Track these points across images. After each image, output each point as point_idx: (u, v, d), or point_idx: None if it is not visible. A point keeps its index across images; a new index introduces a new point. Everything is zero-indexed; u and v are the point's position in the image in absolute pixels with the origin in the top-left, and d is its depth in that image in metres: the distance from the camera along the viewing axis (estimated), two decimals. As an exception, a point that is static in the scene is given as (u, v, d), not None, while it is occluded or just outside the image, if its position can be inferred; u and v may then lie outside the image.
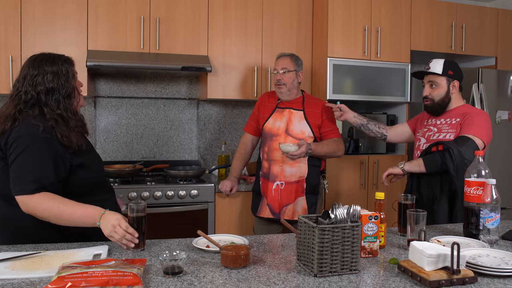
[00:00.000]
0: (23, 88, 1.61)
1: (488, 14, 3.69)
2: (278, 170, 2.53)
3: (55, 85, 1.62)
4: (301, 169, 2.52)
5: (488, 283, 1.26)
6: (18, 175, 1.52)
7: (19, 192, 1.52)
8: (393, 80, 3.44)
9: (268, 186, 2.56)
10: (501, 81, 3.51)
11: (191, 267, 1.37)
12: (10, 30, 2.91)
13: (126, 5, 3.09)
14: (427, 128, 2.34)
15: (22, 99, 1.61)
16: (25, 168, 1.53)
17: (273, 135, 2.58)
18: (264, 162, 2.61)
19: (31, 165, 1.53)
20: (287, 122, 2.57)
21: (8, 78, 2.90)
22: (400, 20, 3.44)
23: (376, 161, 3.39)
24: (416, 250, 1.30)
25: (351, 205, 1.41)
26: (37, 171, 1.53)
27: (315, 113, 2.58)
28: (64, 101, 1.64)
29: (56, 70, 1.63)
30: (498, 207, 1.65)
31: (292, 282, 1.26)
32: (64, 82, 1.64)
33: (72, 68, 1.70)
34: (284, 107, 2.62)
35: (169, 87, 3.58)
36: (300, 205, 2.52)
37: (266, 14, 3.38)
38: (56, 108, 1.62)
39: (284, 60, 2.61)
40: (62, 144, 1.59)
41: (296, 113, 2.58)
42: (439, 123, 2.29)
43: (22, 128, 1.56)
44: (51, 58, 1.66)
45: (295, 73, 2.60)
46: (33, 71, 1.62)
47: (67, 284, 1.13)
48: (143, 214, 1.55)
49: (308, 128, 2.55)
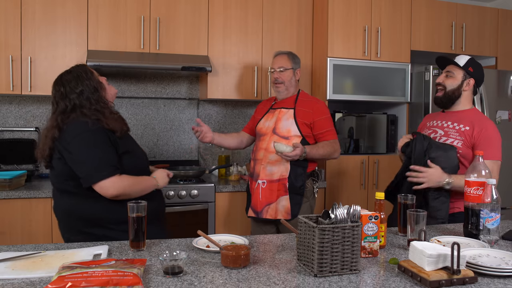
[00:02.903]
0: (58, 104, 1.80)
1: (488, 14, 3.69)
2: (260, 168, 2.50)
3: (81, 87, 1.79)
4: (282, 168, 2.46)
5: (488, 283, 1.26)
6: (93, 165, 1.69)
7: (103, 177, 1.68)
8: (393, 80, 3.44)
9: (252, 185, 2.56)
10: (501, 81, 3.51)
11: (191, 267, 1.37)
12: (10, 30, 2.91)
13: (126, 5, 3.09)
14: (432, 129, 2.25)
15: (60, 111, 1.79)
16: (96, 158, 1.70)
17: (261, 134, 2.57)
18: (251, 162, 2.62)
19: (100, 154, 1.71)
20: (275, 121, 2.54)
21: (8, 78, 2.90)
22: (400, 20, 3.44)
23: (376, 161, 3.39)
24: (416, 250, 1.30)
25: (351, 205, 1.41)
26: (106, 157, 1.72)
27: (306, 112, 2.50)
28: (94, 96, 1.81)
29: (76, 75, 1.82)
30: (498, 207, 1.65)
31: (292, 282, 1.26)
32: (87, 81, 1.81)
33: (86, 68, 1.87)
34: (276, 107, 2.60)
35: (169, 87, 3.59)
36: (282, 204, 2.46)
37: (266, 14, 3.38)
38: (90, 105, 1.79)
39: (281, 59, 2.59)
40: (110, 131, 1.77)
41: (285, 112, 2.54)
42: (445, 126, 2.20)
43: (74, 128, 1.74)
44: (67, 70, 1.86)
45: (293, 71, 2.58)
46: (59, 88, 1.81)
47: (67, 284, 1.13)
48: (143, 214, 1.55)
49: (295, 126, 2.48)
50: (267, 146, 2.50)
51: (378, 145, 3.52)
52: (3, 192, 2.62)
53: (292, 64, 2.58)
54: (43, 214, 2.70)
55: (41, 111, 3.32)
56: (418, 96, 3.45)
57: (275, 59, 2.63)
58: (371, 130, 3.50)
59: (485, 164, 1.75)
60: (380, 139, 3.51)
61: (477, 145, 2.07)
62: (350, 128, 3.43)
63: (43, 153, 1.80)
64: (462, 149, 2.10)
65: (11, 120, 3.27)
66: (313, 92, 3.50)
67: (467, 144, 2.10)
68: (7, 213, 2.64)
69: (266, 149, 2.50)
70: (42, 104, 3.32)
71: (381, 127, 3.52)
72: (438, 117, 2.30)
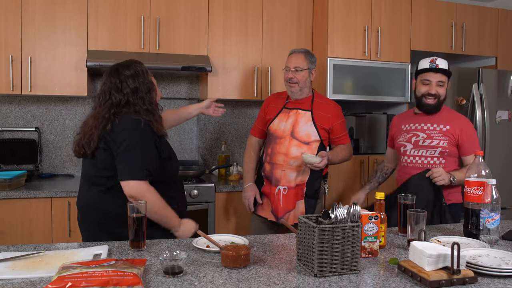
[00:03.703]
0: (112, 96, 1.79)
1: (488, 14, 3.69)
2: (281, 174, 2.43)
3: (137, 85, 1.81)
4: (303, 173, 2.44)
5: (488, 283, 1.26)
6: (130, 164, 1.70)
7: (130, 177, 1.68)
8: (393, 80, 3.44)
9: (271, 189, 2.48)
10: (501, 81, 3.51)
11: (191, 267, 1.37)
12: (10, 30, 2.91)
13: (126, 5, 3.09)
14: (412, 133, 2.31)
15: (113, 103, 1.78)
16: (136, 158, 1.70)
17: (278, 137, 2.47)
18: (266, 164, 2.52)
19: (142, 156, 1.71)
20: (293, 124, 2.45)
21: (8, 78, 2.90)
22: (400, 20, 3.44)
23: (376, 161, 3.39)
24: (416, 250, 1.30)
25: (351, 205, 1.41)
26: (146, 161, 1.72)
27: (325, 116, 2.45)
28: (147, 96, 1.83)
29: (134, 72, 1.83)
30: (498, 207, 1.65)
31: (292, 282, 1.26)
32: (143, 80, 1.84)
33: (143, 66, 1.89)
34: (291, 108, 2.49)
35: (169, 87, 3.59)
36: (299, 208, 2.46)
37: (266, 14, 3.38)
38: (142, 104, 1.81)
39: (297, 58, 2.46)
40: (156, 134, 1.80)
41: (303, 114, 2.46)
42: (426, 128, 2.28)
43: (127, 124, 1.75)
44: (125, 64, 1.86)
45: (308, 71, 2.46)
46: (115, 80, 1.81)
47: (67, 284, 1.13)
48: (143, 214, 1.55)
49: (315, 131, 2.43)
50: (287, 151, 2.42)
51: (378, 145, 3.52)
52: (3, 192, 2.62)
53: (309, 64, 2.46)
54: (43, 214, 2.70)
55: (41, 111, 3.32)
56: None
57: (291, 57, 2.50)
58: (371, 130, 3.50)
59: (485, 164, 1.75)
60: (380, 139, 3.51)
61: (462, 143, 2.24)
62: (350, 128, 3.43)
63: (90, 141, 1.77)
64: (448, 148, 2.23)
65: (11, 120, 3.27)
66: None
67: (452, 142, 2.24)
68: (7, 213, 2.64)
69: (286, 154, 2.42)
70: (42, 104, 3.32)
71: (381, 127, 3.51)
72: (413, 119, 2.36)
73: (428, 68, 2.27)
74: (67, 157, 3.37)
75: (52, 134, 3.35)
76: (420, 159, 2.28)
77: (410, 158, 2.31)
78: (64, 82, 3.00)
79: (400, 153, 2.37)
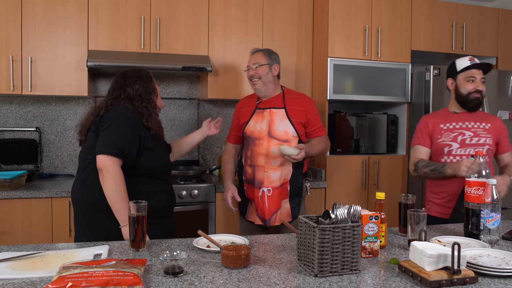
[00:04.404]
0: (114, 91, 1.99)
1: (489, 14, 3.69)
2: (263, 176, 2.40)
3: (138, 85, 1.98)
4: (285, 172, 2.41)
5: (489, 283, 1.26)
6: (105, 140, 1.82)
7: (102, 152, 1.79)
8: (394, 80, 3.44)
9: (254, 192, 2.43)
10: (501, 81, 3.51)
11: (192, 267, 1.37)
12: (11, 30, 2.91)
13: (126, 5, 3.09)
14: (457, 132, 2.27)
15: (113, 96, 1.97)
16: (111, 136, 1.82)
17: (255, 138, 2.44)
18: (247, 168, 2.48)
19: (117, 135, 1.82)
20: (269, 123, 2.42)
21: (8, 78, 2.90)
22: (400, 20, 3.44)
23: (376, 161, 3.39)
24: (417, 250, 1.30)
25: (351, 205, 1.41)
26: (120, 140, 1.81)
27: (299, 111, 2.45)
28: (146, 96, 1.99)
29: (138, 74, 2.02)
30: (498, 207, 1.65)
31: (293, 282, 1.26)
32: (145, 83, 2.00)
33: (148, 73, 2.07)
34: (264, 108, 2.47)
35: (170, 87, 3.59)
36: (284, 207, 2.43)
37: (267, 14, 3.38)
38: (141, 102, 1.97)
39: (255, 56, 2.49)
40: (145, 126, 1.91)
41: (277, 112, 2.44)
42: (471, 127, 2.27)
43: (115, 109, 1.90)
44: (132, 69, 2.05)
45: (269, 66, 2.44)
46: (120, 80, 2.00)
47: (67, 284, 1.13)
48: (143, 214, 1.56)
49: (292, 127, 2.41)
50: (267, 151, 2.40)
51: (378, 145, 3.52)
52: (3, 192, 2.63)
53: (268, 60, 2.46)
54: (43, 214, 2.70)
55: (42, 111, 3.32)
56: (419, 96, 3.45)
57: (250, 57, 2.52)
58: (372, 130, 3.50)
59: (485, 164, 1.75)
60: (381, 139, 3.51)
61: (501, 141, 2.30)
62: (350, 128, 3.43)
63: (84, 126, 1.96)
64: (492, 145, 2.26)
65: (11, 120, 3.28)
66: (313, 92, 3.50)
67: (495, 140, 2.28)
68: (7, 213, 2.64)
69: (267, 155, 2.40)
70: (42, 104, 3.32)
71: (382, 127, 3.51)
72: (453, 118, 2.32)
73: (473, 65, 2.28)
74: (67, 157, 3.37)
75: (53, 134, 3.35)
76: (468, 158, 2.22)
77: (457, 158, 2.24)
78: (64, 82, 3.00)
79: (443, 153, 2.29)
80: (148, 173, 1.93)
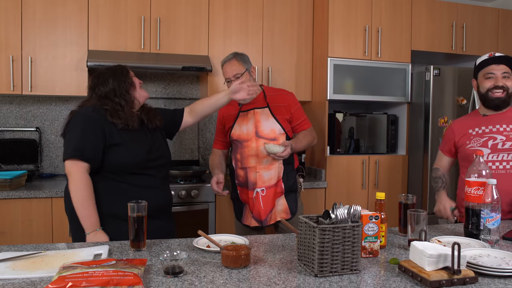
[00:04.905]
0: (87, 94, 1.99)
1: (489, 14, 3.69)
2: (256, 176, 2.38)
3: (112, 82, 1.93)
4: (277, 170, 2.40)
5: (489, 283, 1.26)
6: (65, 145, 1.84)
7: (65, 157, 1.81)
8: (394, 80, 3.44)
9: (248, 194, 2.42)
10: (501, 81, 3.51)
11: (192, 267, 1.37)
12: (11, 30, 2.91)
13: (126, 5, 3.09)
14: (487, 136, 2.11)
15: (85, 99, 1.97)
16: (71, 140, 1.83)
17: (243, 141, 2.42)
18: (238, 171, 2.46)
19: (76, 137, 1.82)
20: (255, 124, 2.40)
21: (8, 78, 2.90)
22: (400, 20, 3.44)
23: (376, 161, 3.39)
24: (417, 250, 1.30)
25: (351, 205, 1.41)
26: (79, 142, 1.81)
27: (282, 107, 2.43)
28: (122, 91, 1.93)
29: (112, 71, 1.97)
30: (498, 207, 1.65)
31: (293, 282, 1.26)
32: (120, 78, 1.94)
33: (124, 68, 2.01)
34: (247, 109, 2.43)
35: (170, 87, 3.59)
36: (281, 204, 2.42)
37: (267, 14, 3.38)
38: (115, 97, 1.91)
39: (231, 65, 2.39)
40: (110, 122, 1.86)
41: (261, 112, 2.41)
42: (502, 130, 2.10)
43: (77, 112, 1.90)
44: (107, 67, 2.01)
45: (248, 72, 2.40)
46: (94, 80, 1.97)
47: (67, 284, 1.13)
48: (143, 214, 1.55)
49: (278, 125, 2.40)
50: (257, 151, 2.38)
51: (378, 145, 3.52)
52: (3, 192, 2.63)
53: (244, 65, 2.39)
54: (43, 214, 2.70)
55: (42, 111, 3.32)
56: (419, 96, 3.45)
57: (224, 67, 2.42)
58: (372, 130, 3.50)
59: (485, 164, 1.75)
60: (381, 139, 3.51)
61: None
62: (350, 128, 3.43)
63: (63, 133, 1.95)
64: None
65: (11, 120, 3.28)
66: (313, 92, 3.50)
67: None
68: (7, 213, 2.64)
69: (257, 155, 2.39)
70: (42, 104, 3.32)
71: (382, 127, 3.52)
72: (482, 122, 2.17)
73: (489, 59, 2.15)
74: (67, 157, 3.37)
75: (53, 134, 3.35)
76: (502, 164, 2.07)
77: (489, 164, 2.06)
78: (64, 82, 3.00)
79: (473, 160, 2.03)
80: (122, 170, 1.87)
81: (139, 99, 2.00)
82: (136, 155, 1.90)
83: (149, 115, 2.03)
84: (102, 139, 1.83)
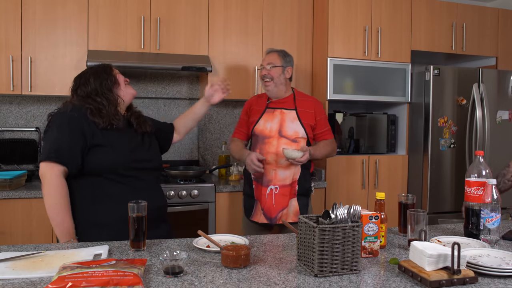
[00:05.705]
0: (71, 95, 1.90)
1: (489, 14, 3.69)
2: (272, 174, 2.43)
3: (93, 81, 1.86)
4: (294, 172, 2.44)
5: (489, 283, 1.26)
6: (42, 147, 1.79)
7: (40, 159, 1.73)
8: (394, 80, 3.44)
9: (262, 190, 2.46)
10: (501, 81, 3.51)
11: (192, 267, 1.37)
12: (11, 30, 2.91)
13: (126, 5, 3.09)
14: None
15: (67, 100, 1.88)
16: (47, 142, 1.75)
17: (265, 137, 2.47)
18: None
19: (52, 139, 1.74)
20: (279, 123, 2.47)
21: (8, 78, 2.90)
22: (400, 20, 3.44)
23: (376, 161, 3.39)
24: (417, 250, 1.30)
25: (351, 205, 1.41)
26: (55, 143, 1.73)
27: (308, 113, 2.50)
28: (105, 89, 1.86)
29: (94, 70, 1.91)
30: (498, 207, 1.65)
31: (293, 282, 1.26)
32: (102, 77, 1.88)
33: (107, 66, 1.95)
34: (275, 107, 2.51)
35: (170, 87, 3.59)
36: (293, 206, 2.45)
37: (267, 15, 3.38)
38: (97, 96, 1.84)
39: (271, 56, 2.51)
40: (91, 121, 1.77)
41: (288, 113, 2.48)
42: None
43: (55, 114, 1.82)
44: (90, 67, 1.97)
45: (282, 68, 2.48)
46: (76, 80, 1.90)
47: (67, 284, 1.13)
48: (143, 214, 1.55)
49: (302, 128, 2.46)
50: (277, 150, 2.42)
51: (378, 145, 3.52)
52: (3, 192, 2.63)
53: (282, 62, 2.49)
54: (43, 214, 2.66)
55: (42, 111, 3.32)
56: (419, 96, 3.45)
57: (265, 56, 2.56)
58: (372, 130, 3.50)
59: (485, 164, 1.75)
60: (381, 139, 3.51)
61: None
62: (350, 128, 3.43)
63: None
64: None
65: (11, 120, 3.27)
66: (313, 92, 3.50)
67: None
68: (7, 213, 2.64)
69: (276, 154, 2.42)
70: (42, 104, 3.32)
71: (382, 127, 3.52)
72: None
73: None
74: (67, 157, 3.37)
75: (53, 134, 3.35)
76: None
77: None
78: (64, 82, 3.00)
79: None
80: (106, 173, 1.77)
81: (123, 97, 1.91)
82: (120, 155, 1.79)
83: (139, 119, 1.95)
84: (81, 140, 1.73)
